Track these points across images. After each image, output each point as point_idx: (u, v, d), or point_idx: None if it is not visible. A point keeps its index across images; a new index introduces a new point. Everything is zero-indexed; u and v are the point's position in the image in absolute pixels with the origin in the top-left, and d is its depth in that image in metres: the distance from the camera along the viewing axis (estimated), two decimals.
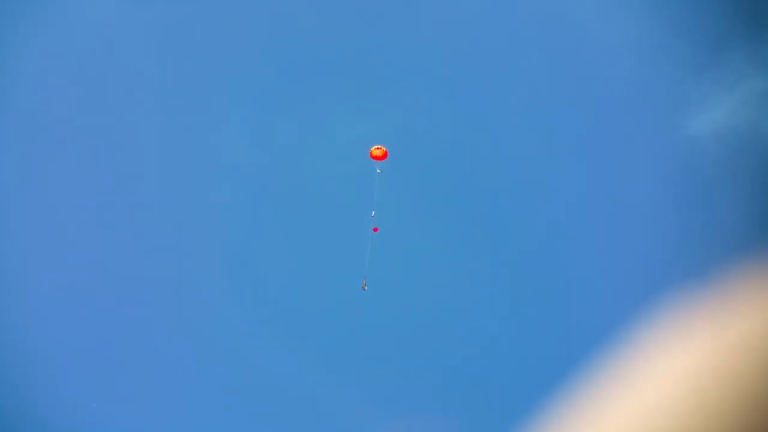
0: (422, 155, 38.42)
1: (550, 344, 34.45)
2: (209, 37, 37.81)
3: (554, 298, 35.44)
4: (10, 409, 31.35)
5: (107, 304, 34.57)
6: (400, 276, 36.80)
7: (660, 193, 35.74)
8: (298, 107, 38.48)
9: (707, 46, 35.34)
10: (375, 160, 31.67)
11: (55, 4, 36.07)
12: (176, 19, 37.51)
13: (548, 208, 37.04)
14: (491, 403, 34.12)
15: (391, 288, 35.60)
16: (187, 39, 37.68)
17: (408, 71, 38.55)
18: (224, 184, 37.35)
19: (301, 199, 37.93)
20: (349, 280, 33.34)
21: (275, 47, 38.49)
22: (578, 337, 32.75)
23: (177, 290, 35.36)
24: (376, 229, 32.35)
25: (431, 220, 37.81)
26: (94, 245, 35.56)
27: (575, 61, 37.30)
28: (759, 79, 34.56)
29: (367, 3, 38.55)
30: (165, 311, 35.05)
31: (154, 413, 33.03)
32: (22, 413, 31.44)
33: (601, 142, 37.18)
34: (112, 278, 34.87)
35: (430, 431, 33.09)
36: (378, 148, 31.49)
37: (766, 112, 34.24)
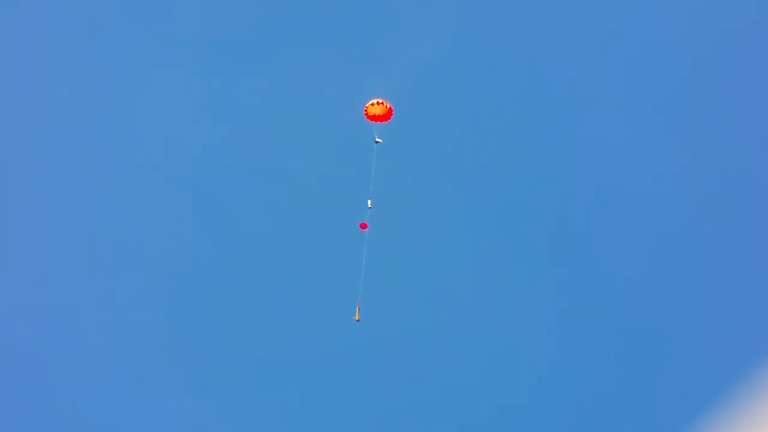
0: (443, 119, 34.33)
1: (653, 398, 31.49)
2: None
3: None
4: None
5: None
6: (409, 299, 32.60)
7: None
8: (261, 54, 35.26)
9: None
10: (373, 122, 27.80)
11: None
12: None
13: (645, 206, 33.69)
14: None
15: (397, 316, 31.59)
16: None
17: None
18: (167, 163, 34.33)
19: (268, 184, 34.35)
20: (338, 307, 29.44)
21: None
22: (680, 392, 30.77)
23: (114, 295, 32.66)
24: (364, 225, 28.66)
25: (460, 216, 33.47)
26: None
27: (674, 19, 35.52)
28: None
29: None
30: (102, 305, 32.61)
31: None
32: None
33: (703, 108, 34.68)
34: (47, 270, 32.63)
35: None
36: (379, 103, 27.41)
37: None
